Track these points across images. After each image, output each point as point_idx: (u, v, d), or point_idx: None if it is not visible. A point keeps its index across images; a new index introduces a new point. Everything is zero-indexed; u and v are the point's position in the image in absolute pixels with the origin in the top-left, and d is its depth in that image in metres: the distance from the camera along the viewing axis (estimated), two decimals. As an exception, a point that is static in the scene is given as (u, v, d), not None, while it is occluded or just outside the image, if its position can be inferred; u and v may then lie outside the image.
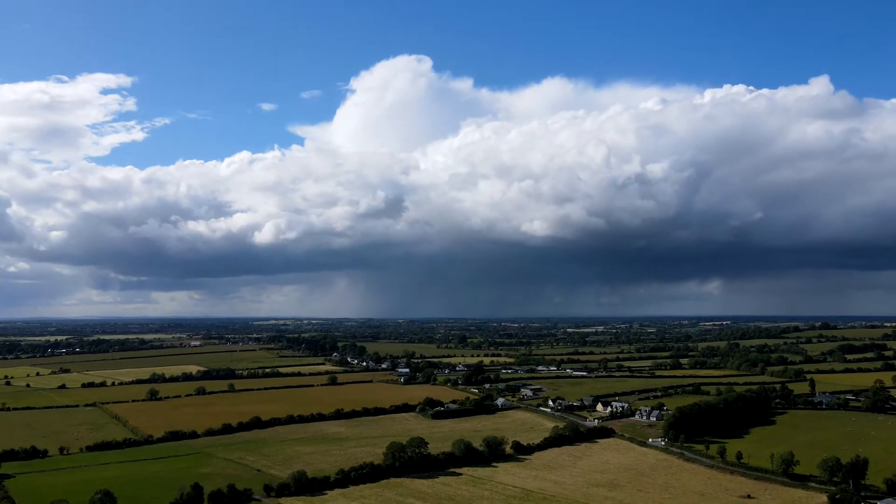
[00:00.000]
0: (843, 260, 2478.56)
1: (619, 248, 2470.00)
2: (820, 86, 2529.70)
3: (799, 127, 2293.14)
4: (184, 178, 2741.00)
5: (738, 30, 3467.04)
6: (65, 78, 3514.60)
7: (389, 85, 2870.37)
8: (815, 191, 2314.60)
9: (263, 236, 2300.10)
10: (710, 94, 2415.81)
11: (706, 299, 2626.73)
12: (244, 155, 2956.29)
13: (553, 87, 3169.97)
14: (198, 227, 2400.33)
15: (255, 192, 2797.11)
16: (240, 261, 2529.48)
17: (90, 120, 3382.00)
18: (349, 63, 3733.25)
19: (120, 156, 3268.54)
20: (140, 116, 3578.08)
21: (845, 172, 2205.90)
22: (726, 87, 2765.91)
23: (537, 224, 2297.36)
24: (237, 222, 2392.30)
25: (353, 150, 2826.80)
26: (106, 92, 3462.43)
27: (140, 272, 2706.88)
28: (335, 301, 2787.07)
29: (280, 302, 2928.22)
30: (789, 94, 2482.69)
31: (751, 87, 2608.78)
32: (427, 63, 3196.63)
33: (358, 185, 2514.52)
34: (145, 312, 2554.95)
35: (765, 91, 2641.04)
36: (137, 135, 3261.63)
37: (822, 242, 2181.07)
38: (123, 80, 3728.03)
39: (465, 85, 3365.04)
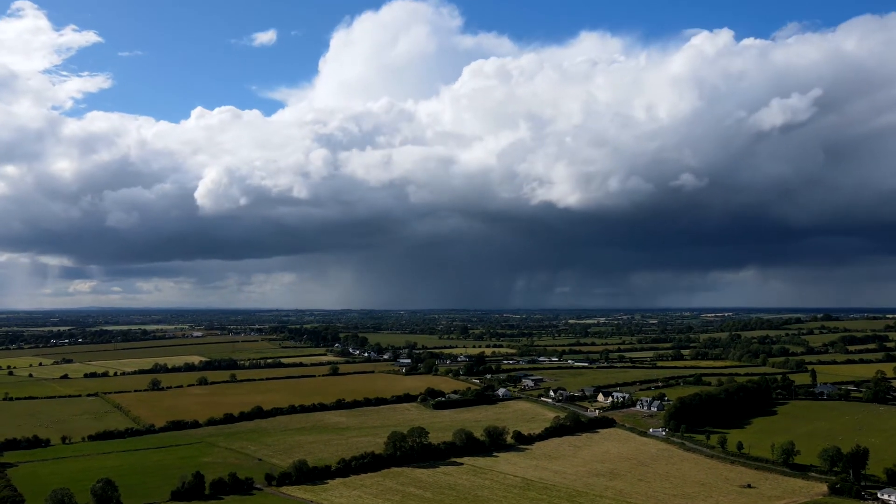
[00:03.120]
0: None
1: (644, 227, 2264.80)
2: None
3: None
4: (142, 134, 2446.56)
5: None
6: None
7: (398, 31, 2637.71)
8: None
9: (238, 210, 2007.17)
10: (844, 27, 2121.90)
11: (719, 289, 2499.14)
12: (222, 110, 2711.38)
13: (593, 43, 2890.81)
14: (156, 199, 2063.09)
15: (227, 153, 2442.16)
16: (223, 240, 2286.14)
17: (43, 65, 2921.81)
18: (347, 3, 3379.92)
19: (80, 108, 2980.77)
20: (100, 64, 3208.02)
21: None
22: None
23: (558, 191, 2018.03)
24: (211, 192, 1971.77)
25: (345, 103, 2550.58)
26: (60, 25, 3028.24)
27: (105, 259, 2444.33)
28: (327, 289, 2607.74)
29: (268, 292, 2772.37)
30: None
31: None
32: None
33: (346, 143, 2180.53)
34: (126, 303, 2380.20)
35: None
36: (103, 83, 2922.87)
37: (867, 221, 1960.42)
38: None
39: (489, 39, 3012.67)
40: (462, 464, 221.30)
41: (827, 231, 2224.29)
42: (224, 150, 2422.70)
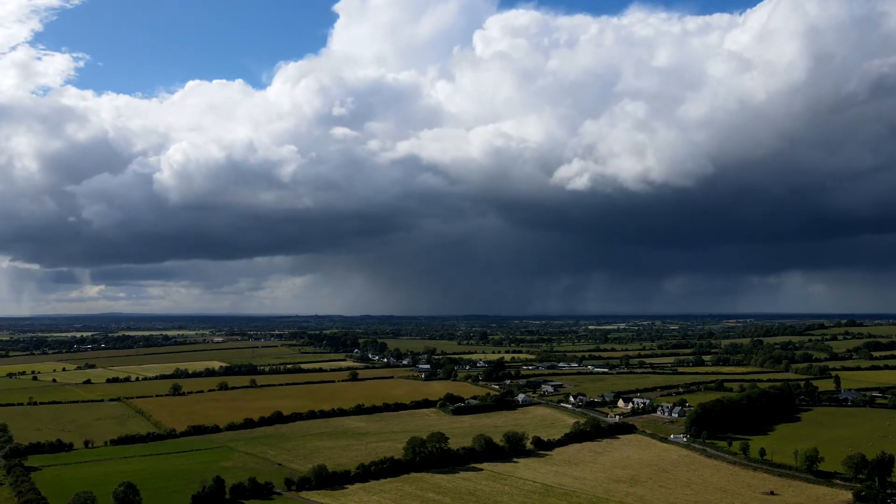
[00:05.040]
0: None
1: (694, 221, 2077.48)
2: None
3: None
4: (125, 113, 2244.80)
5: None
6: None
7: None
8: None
9: (236, 205, 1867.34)
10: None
11: (757, 294, 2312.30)
12: (222, 83, 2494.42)
13: (644, 16, 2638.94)
14: (134, 188, 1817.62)
15: (223, 133, 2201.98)
16: (228, 238, 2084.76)
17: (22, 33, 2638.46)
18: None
19: (71, 81, 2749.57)
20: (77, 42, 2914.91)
21: None
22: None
23: (598, 175, 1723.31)
24: (204, 180, 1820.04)
25: (355, 77, 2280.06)
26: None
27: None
28: (342, 293, 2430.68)
29: (279, 297, 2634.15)
30: None
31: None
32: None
33: (355, 118, 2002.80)
34: (136, 309, 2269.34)
35: None
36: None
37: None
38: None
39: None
40: (482, 469, 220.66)
41: (884, 225, 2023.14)
42: (219, 130, 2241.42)
